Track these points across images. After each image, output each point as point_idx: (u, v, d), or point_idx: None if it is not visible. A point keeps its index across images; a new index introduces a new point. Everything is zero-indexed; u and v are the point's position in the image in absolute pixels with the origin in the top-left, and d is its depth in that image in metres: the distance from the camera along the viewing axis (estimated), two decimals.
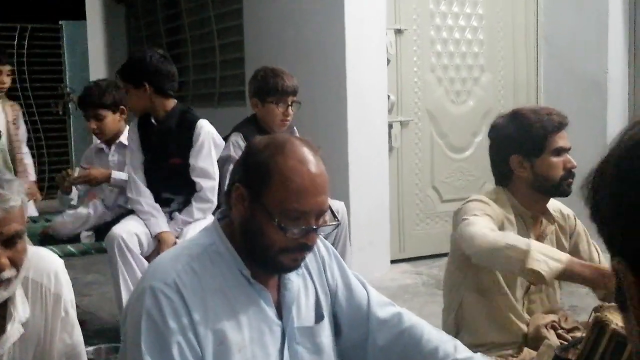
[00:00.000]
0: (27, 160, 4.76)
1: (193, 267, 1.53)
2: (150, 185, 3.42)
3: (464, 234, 2.11)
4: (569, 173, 2.26)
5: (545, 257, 1.95)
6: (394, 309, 1.78)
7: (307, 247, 1.56)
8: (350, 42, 4.68)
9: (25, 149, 4.76)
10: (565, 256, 1.99)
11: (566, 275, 1.97)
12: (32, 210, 4.46)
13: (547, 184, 2.27)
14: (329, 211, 1.59)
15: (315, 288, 1.72)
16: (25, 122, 4.90)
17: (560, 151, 2.25)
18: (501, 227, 2.19)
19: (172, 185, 3.43)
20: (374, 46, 4.81)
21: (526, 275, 2.00)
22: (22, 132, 4.74)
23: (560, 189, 2.27)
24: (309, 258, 1.72)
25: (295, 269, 1.62)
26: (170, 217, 3.39)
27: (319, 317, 1.70)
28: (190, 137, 3.33)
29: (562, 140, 2.26)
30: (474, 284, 2.27)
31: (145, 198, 3.37)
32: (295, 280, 1.66)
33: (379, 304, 1.78)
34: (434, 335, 1.75)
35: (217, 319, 1.51)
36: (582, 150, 2.36)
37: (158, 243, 3.26)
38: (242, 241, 1.58)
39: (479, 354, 1.76)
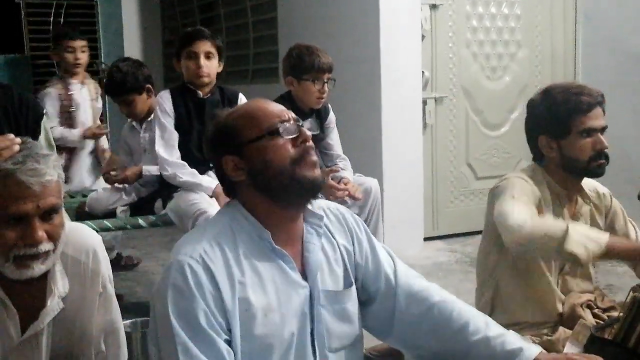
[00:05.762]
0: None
1: (218, 240, 1.58)
2: (186, 157, 3.38)
3: (502, 224, 2.07)
4: (599, 154, 2.19)
5: (584, 238, 1.92)
6: (424, 283, 1.79)
7: (307, 145, 1.61)
8: (385, 17, 4.64)
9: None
10: (605, 236, 1.96)
11: (607, 254, 1.95)
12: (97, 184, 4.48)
13: (576, 165, 2.22)
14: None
15: (343, 256, 1.73)
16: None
17: (589, 132, 2.18)
18: (538, 206, 2.17)
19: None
20: (409, 21, 4.76)
21: (564, 258, 1.98)
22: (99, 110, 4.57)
23: (590, 170, 2.22)
24: (336, 227, 1.75)
25: (320, 180, 1.63)
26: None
27: (347, 284, 1.72)
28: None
29: (591, 120, 2.18)
30: (510, 263, 2.25)
31: (179, 169, 3.33)
32: (317, 242, 1.68)
33: (407, 276, 1.79)
34: (465, 310, 1.74)
35: (243, 287, 1.55)
36: (622, 126, 2.31)
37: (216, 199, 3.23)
38: (262, 192, 1.61)
39: (511, 331, 1.74)
